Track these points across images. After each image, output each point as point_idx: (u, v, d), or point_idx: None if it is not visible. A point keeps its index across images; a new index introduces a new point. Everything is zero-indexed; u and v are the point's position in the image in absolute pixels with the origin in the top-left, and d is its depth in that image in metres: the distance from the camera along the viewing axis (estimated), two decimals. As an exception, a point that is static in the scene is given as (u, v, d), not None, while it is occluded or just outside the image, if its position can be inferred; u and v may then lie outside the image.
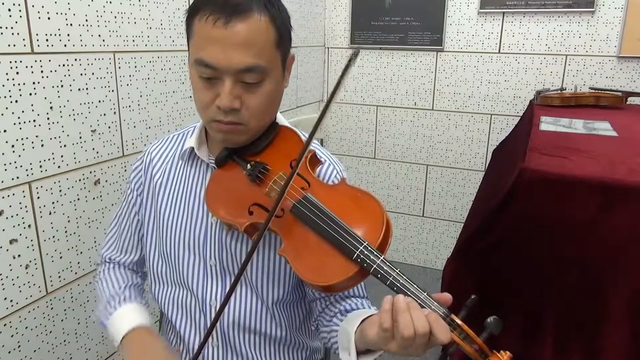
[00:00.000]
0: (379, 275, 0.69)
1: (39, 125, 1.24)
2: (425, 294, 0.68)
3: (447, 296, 0.70)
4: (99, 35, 1.38)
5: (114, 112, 1.47)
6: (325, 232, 0.74)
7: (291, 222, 0.79)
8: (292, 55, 0.90)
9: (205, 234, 0.95)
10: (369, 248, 0.70)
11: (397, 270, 0.69)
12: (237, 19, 0.77)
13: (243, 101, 0.82)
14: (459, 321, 0.67)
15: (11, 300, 1.23)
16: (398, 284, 0.69)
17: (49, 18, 1.23)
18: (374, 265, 0.69)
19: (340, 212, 0.75)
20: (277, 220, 0.79)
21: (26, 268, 1.26)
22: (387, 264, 0.69)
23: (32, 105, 1.22)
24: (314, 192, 0.80)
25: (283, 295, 0.96)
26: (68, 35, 1.29)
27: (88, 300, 1.45)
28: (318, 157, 0.89)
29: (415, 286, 0.69)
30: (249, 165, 0.86)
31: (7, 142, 1.17)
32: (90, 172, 1.41)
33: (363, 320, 0.82)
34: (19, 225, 1.23)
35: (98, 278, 1.08)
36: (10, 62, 1.15)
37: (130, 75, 1.50)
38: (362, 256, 0.70)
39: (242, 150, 0.89)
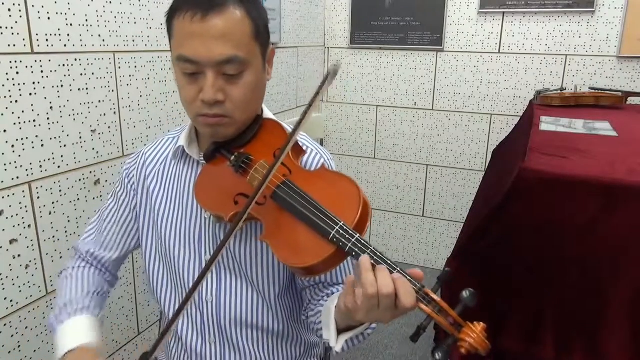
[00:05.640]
0: (353, 254, 0.70)
1: (39, 125, 1.24)
2: (398, 268, 0.69)
3: (419, 272, 0.70)
4: (99, 35, 1.38)
5: (114, 112, 1.47)
6: (303, 215, 0.75)
7: (273, 209, 0.80)
8: (272, 49, 0.93)
9: (200, 229, 0.96)
10: (345, 228, 0.71)
11: (371, 247, 0.70)
12: (213, 13, 0.80)
13: (226, 93, 0.84)
14: (432, 295, 0.68)
15: (11, 300, 1.23)
16: (372, 261, 0.70)
17: (49, 18, 1.23)
18: (349, 244, 0.70)
19: (319, 196, 0.77)
20: (259, 208, 0.81)
21: (26, 268, 1.26)
22: (362, 242, 0.70)
23: (32, 105, 1.22)
24: (294, 178, 0.82)
25: (281, 287, 0.97)
26: (68, 35, 1.29)
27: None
28: (300, 145, 0.90)
29: (389, 262, 0.70)
30: (232, 156, 0.88)
31: (7, 142, 1.17)
32: (90, 172, 1.41)
33: None
34: (19, 225, 1.23)
35: (67, 273, 1.04)
36: (10, 62, 1.16)
37: (130, 75, 1.50)
38: (337, 236, 0.71)
39: (229, 144, 0.91)
